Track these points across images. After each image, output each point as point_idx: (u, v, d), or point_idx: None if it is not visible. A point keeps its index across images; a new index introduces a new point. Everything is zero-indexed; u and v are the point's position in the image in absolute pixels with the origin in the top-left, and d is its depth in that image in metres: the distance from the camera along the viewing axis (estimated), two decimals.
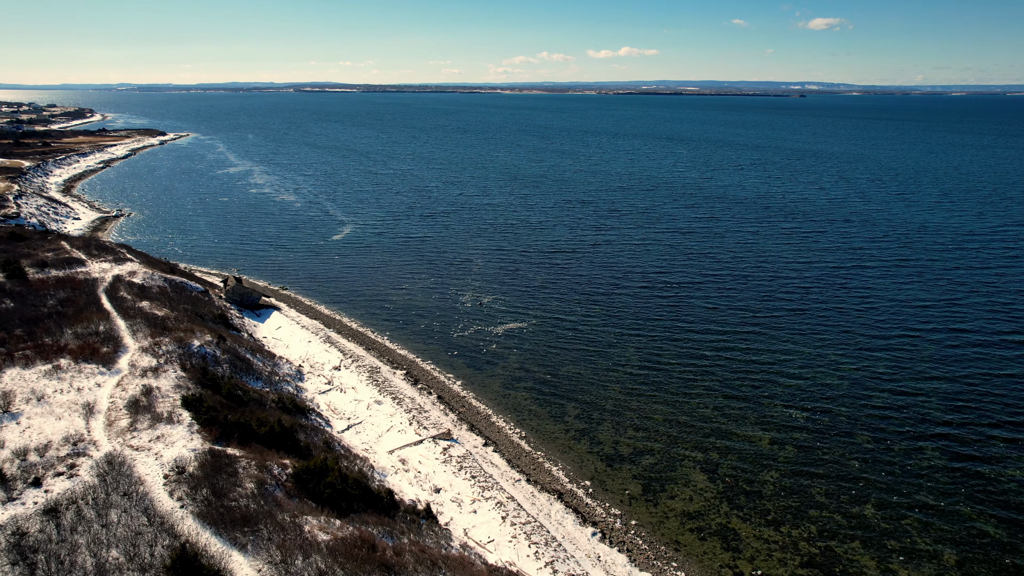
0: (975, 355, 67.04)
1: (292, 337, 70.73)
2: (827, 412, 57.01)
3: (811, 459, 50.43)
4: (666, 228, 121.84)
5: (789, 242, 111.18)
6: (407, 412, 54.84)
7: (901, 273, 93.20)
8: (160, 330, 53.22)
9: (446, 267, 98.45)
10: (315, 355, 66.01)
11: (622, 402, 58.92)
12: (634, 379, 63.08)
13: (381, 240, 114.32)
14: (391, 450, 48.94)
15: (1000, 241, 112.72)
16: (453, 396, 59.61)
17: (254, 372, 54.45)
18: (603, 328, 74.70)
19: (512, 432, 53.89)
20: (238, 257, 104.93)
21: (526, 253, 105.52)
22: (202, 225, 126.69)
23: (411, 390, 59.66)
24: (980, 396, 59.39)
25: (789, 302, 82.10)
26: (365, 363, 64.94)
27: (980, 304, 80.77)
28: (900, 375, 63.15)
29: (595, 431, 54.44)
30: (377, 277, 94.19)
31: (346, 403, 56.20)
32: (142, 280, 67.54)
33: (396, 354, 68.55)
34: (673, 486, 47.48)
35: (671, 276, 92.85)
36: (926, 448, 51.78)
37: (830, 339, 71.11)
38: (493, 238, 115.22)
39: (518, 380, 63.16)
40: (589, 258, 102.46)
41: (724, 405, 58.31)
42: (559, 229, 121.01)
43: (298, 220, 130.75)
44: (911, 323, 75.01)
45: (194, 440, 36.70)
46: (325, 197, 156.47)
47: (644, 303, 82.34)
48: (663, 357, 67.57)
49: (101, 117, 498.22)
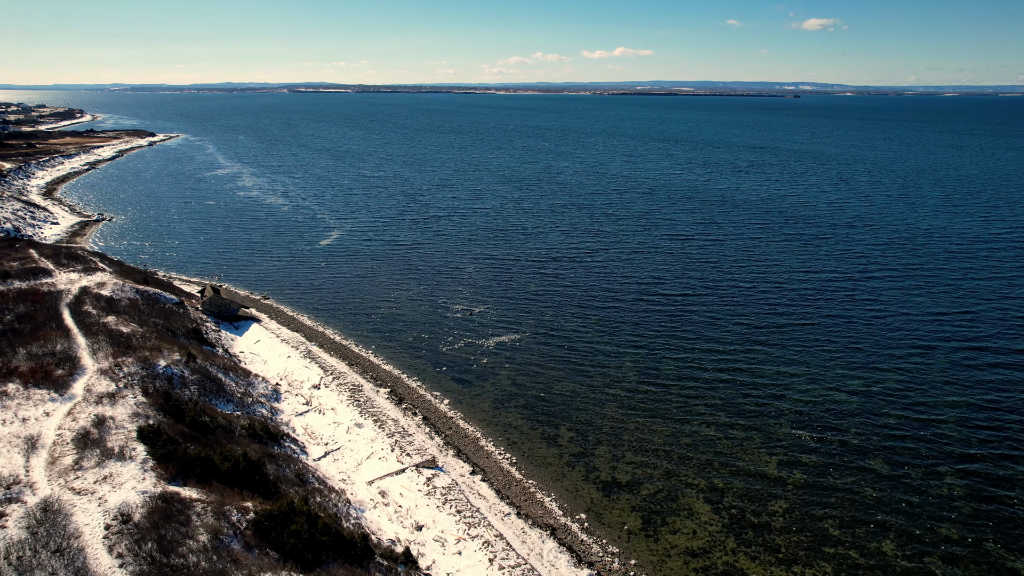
0: (991, 371, 63.74)
1: (271, 352, 66.99)
2: (837, 433, 53.61)
3: (822, 487, 47.00)
4: (664, 234, 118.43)
5: (791, 248, 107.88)
6: (389, 436, 51.19)
7: (909, 282, 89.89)
8: (124, 349, 49.45)
9: (436, 275, 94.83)
10: (294, 372, 62.28)
11: (619, 422, 55.41)
12: (632, 397, 59.58)
13: (369, 246, 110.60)
14: (370, 480, 45.30)
15: (1008, 246, 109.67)
16: (440, 417, 55.99)
17: (225, 394, 50.73)
18: (599, 341, 71.19)
19: (502, 457, 50.30)
20: (221, 264, 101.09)
21: (519, 260, 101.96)
22: (185, 230, 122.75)
23: (395, 411, 56.01)
24: (999, 416, 56.09)
25: (793, 313, 78.71)
26: (347, 380, 61.26)
27: (994, 316, 77.48)
28: (913, 392, 59.79)
29: (591, 455, 50.92)
30: (364, 286, 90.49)
31: (324, 426, 52.52)
32: (111, 292, 63.72)
33: (380, 370, 64.89)
34: (675, 519, 43.97)
35: (670, 285, 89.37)
36: (945, 473, 48.42)
37: (837, 353, 67.74)
38: (485, 244, 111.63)
39: (509, 398, 59.59)
40: (584, 266, 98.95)
41: (727, 425, 54.86)
42: (554, 235, 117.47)
43: (285, 225, 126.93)
44: (922, 336, 71.68)
45: (146, 480, 33.00)
46: (314, 200, 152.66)
47: (642, 314, 78.85)
48: (662, 372, 64.09)
49: (91, 118, 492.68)
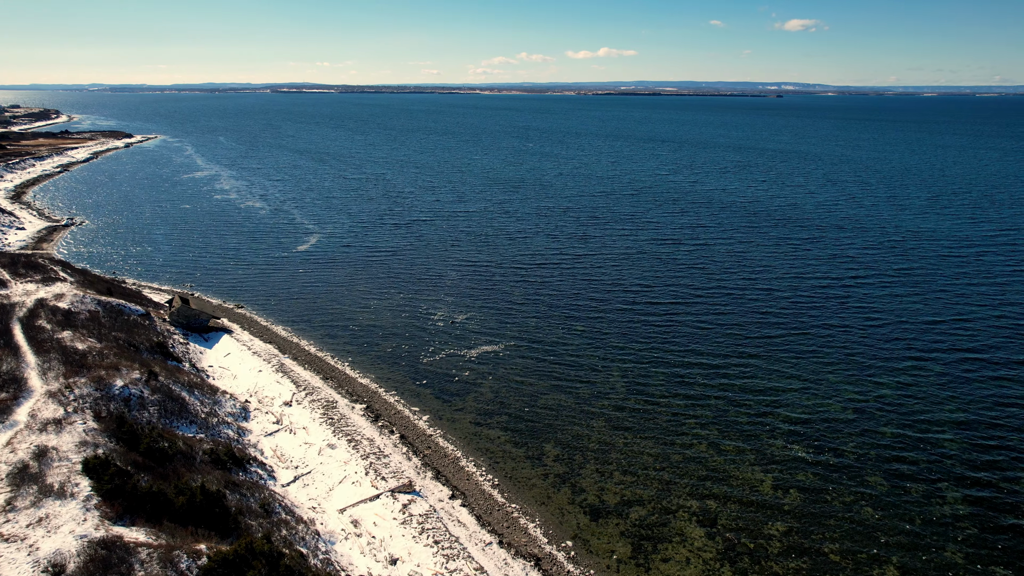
0: (988, 381, 61.92)
1: (241, 366, 63.74)
2: (833, 448, 51.44)
3: (820, 508, 44.74)
4: (651, 237, 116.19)
5: (781, 252, 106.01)
6: (364, 458, 48.26)
7: (901, 286, 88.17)
8: (77, 368, 46.13)
9: (417, 282, 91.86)
10: (265, 387, 59.12)
11: (607, 439, 52.87)
12: (620, 411, 57.07)
13: (349, 252, 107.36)
14: (342, 508, 42.36)
15: (998, 249, 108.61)
16: (418, 435, 53.13)
17: (188, 415, 47.55)
18: (585, 351, 68.64)
19: (483, 479, 47.55)
20: (194, 271, 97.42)
21: (503, 266, 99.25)
22: (159, 236, 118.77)
23: (371, 429, 53.06)
24: (997, 428, 54.21)
25: (784, 320, 76.64)
26: (321, 396, 58.21)
27: (988, 322, 75.79)
28: (909, 403, 57.79)
29: (577, 475, 48.31)
30: (342, 293, 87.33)
31: (295, 447, 49.48)
32: (69, 305, 60.19)
33: (357, 384, 61.88)
34: (666, 545, 41.46)
35: (658, 292, 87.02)
36: (946, 491, 46.34)
37: (830, 363, 65.67)
38: (469, 249, 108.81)
39: (492, 414, 56.86)
40: (570, 271, 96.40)
41: (720, 441, 52.50)
42: (538, 239, 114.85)
43: (262, 229, 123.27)
44: (916, 344, 69.82)
45: (88, 521, 29.89)
46: (293, 204, 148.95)
47: (629, 323, 76.42)
48: (651, 384, 61.64)
49: (67, 118, 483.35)
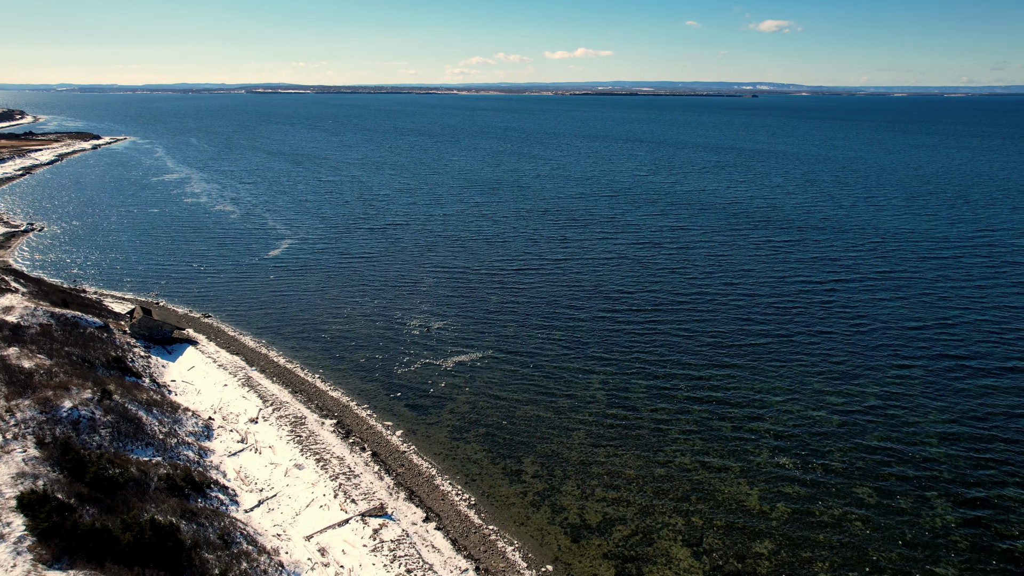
0: (971, 384, 61.09)
1: (206, 380, 60.81)
2: (819, 457, 50.07)
3: (808, 522, 43.24)
4: (631, 240, 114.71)
5: (761, 255, 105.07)
6: (333, 479, 45.79)
7: (884, 290, 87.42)
8: (21, 389, 43.09)
9: (392, 288, 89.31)
10: (230, 403, 56.30)
11: (588, 452, 50.97)
12: (601, 422, 55.22)
13: (321, 257, 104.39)
14: (309, 535, 39.90)
15: (976, 249, 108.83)
16: (391, 452, 50.79)
17: (145, 436, 44.72)
18: (565, 359, 66.72)
19: (459, 499, 45.35)
20: (160, 279, 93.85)
21: (480, 271, 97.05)
22: (124, 241, 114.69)
23: (341, 446, 50.58)
24: (983, 433, 53.27)
25: (766, 326, 75.40)
26: (289, 411, 55.56)
27: (969, 324, 75.22)
28: (895, 411, 56.68)
29: (557, 493, 46.32)
30: (314, 301, 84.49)
31: (260, 468, 46.85)
32: (18, 318, 56.84)
33: (327, 397, 59.31)
34: (651, 568, 39.61)
35: (638, 297, 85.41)
36: (935, 502, 45.11)
37: (813, 368, 64.48)
38: (445, 253, 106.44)
39: (468, 427, 54.69)
40: (548, 276, 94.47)
41: (704, 452, 50.86)
42: (516, 242, 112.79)
43: (232, 234, 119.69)
44: (901, 349, 68.88)
45: (17, 567, 27.18)
46: (265, 207, 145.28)
47: (609, 328, 74.66)
48: (632, 393, 59.89)
49: (32, 119, 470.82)
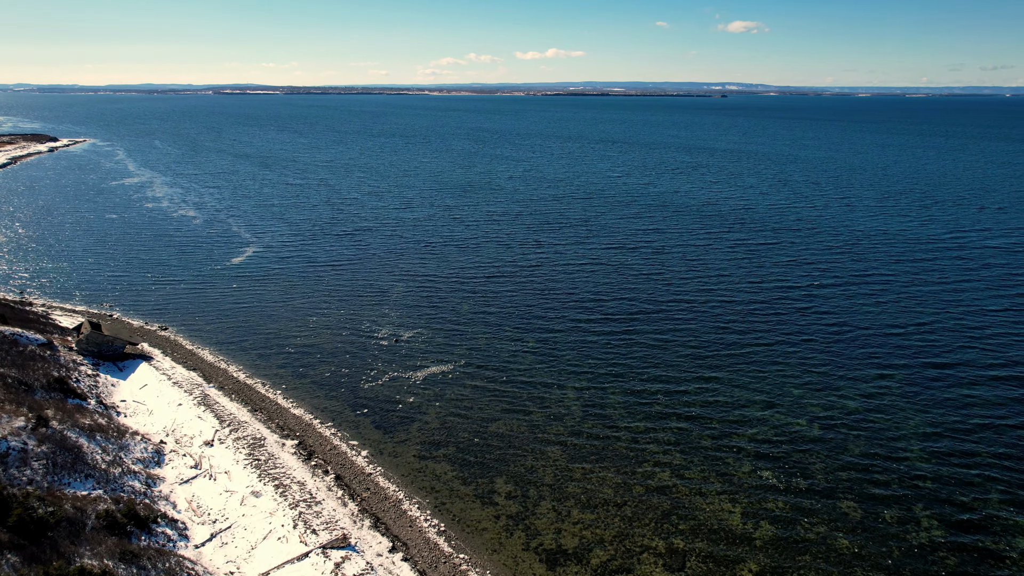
0: (953, 391, 60.24)
1: (159, 399, 57.26)
2: (802, 471, 48.48)
3: (793, 539, 41.53)
4: (605, 244, 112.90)
5: (737, 258, 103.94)
6: (293, 507, 42.84)
7: (860, 293, 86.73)
8: None
9: (360, 296, 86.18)
10: (184, 424, 52.92)
11: (563, 470, 48.72)
12: (576, 436, 53.05)
13: (287, 265, 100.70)
14: (265, 572, 36.96)
15: (947, 249, 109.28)
16: (356, 474, 47.97)
17: (85, 467, 41.29)
18: (538, 370, 64.43)
19: (428, 525, 42.74)
20: (115, 289, 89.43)
21: (452, 277, 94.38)
22: (78, 249, 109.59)
23: (302, 470, 47.61)
24: (965, 442, 52.25)
25: (743, 332, 74.01)
26: (248, 432, 52.37)
27: (944, 327, 74.72)
28: (875, 418, 55.47)
29: (532, 515, 43.97)
30: (278, 311, 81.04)
31: (215, 496, 43.70)
32: None
33: (289, 416, 56.21)
34: None
35: (613, 304, 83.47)
36: (920, 515, 43.76)
37: (792, 375, 63.14)
38: (415, 260, 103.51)
39: (438, 445, 52.10)
40: (521, 283, 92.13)
41: (683, 467, 48.96)
42: (488, 248, 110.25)
43: (194, 241, 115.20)
44: (879, 353, 67.92)
45: None
46: (229, 213, 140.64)
47: (584, 337, 72.59)
48: (609, 405, 57.83)
49: None
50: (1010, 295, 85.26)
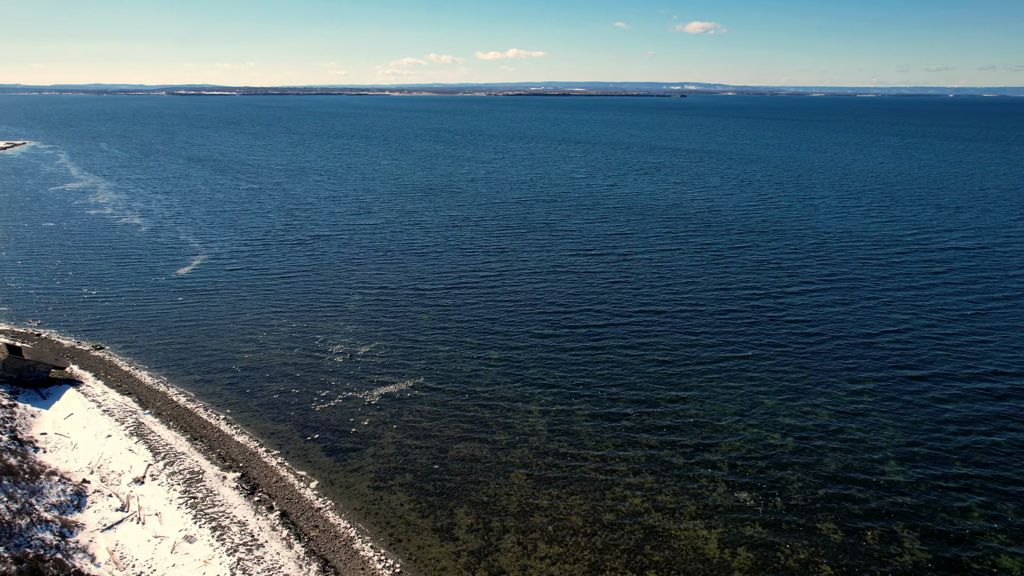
0: (925, 398, 58.88)
1: (86, 430, 52.25)
2: (778, 490, 46.20)
3: (774, 567, 39.17)
4: (569, 249, 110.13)
5: (705, 261, 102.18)
6: (231, 552, 38.71)
7: (829, 296, 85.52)
8: None
9: (314, 309, 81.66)
10: (113, 458, 48.13)
11: (528, 498, 45.51)
12: (542, 458, 49.92)
13: (236, 276, 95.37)
14: None
15: (910, 248, 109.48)
16: (303, 510, 43.97)
17: None
18: (502, 385, 61.12)
19: (383, 567, 39.07)
20: (45, 305, 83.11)
21: (410, 287, 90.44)
22: (5, 261, 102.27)
23: (244, 507, 43.41)
24: (940, 450, 50.69)
25: (712, 340, 71.90)
26: (185, 465, 47.87)
27: (918, 332, 73.77)
28: (849, 428, 53.64)
29: (496, 551, 40.65)
30: (225, 326, 76.10)
31: (142, 544, 39.26)
32: None
33: (232, 444, 51.83)
34: None
35: (579, 313, 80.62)
36: (902, 534, 41.77)
37: (763, 385, 61.09)
38: (373, 269, 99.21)
39: (394, 473, 48.40)
40: (484, 292, 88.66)
41: (656, 490, 46.20)
42: (450, 255, 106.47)
43: (138, 251, 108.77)
44: (849, 360, 66.42)
45: None
46: (178, 220, 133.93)
47: (549, 349, 69.56)
48: (576, 422, 54.86)
49: None
50: (975, 297, 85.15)
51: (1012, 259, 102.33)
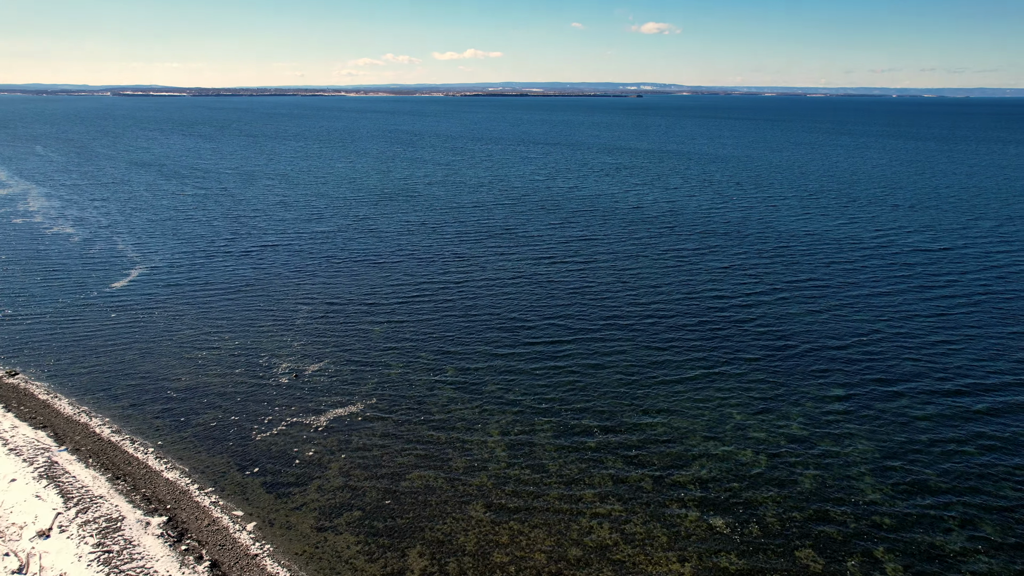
0: (898, 409, 57.06)
1: None
2: (752, 513, 43.46)
3: None
4: (530, 256, 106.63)
5: (668, 266, 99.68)
6: None
7: (794, 301, 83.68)
8: None
9: (258, 324, 76.43)
10: (15, 508, 42.68)
11: (488, 533, 41.79)
12: (502, 486, 46.30)
13: (176, 289, 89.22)
14: None
15: (873, 251, 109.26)
16: (237, 559, 39.39)
17: None
18: (459, 406, 57.28)
19: None
20: None
21: (363, 299, 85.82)
22: None
23: (168, 559, 38.63)
24: (916, 463, 48.77)
25: (677, 350, 69.25)
26: (102, 511, 42.74)
27: (889, 339, 72.23)
28: (822, 442, 51.40)
29: None
30: (161, 345, 70.42)
31: None
32: None
33: (160, 482, 46.82)
34: None
35: (539, 325, 77.12)
36: (884, 559, 39.37)
37: (731, 398, 58.58)
38: (322, 280, 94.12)
39: (341, 509, 44.15)
40: (440, 304, 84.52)
41: (624, 519, 42.98)
42: (405, 263, 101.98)
43: (68, 264, 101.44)
44: (819, 369, 64.41)
45: None
46: (116, 229, 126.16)
47: (509, 364, 65.93)
48: (538, 444, 51.40)
49: None
50: (937, 297, 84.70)
51: (973, 261, 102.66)
